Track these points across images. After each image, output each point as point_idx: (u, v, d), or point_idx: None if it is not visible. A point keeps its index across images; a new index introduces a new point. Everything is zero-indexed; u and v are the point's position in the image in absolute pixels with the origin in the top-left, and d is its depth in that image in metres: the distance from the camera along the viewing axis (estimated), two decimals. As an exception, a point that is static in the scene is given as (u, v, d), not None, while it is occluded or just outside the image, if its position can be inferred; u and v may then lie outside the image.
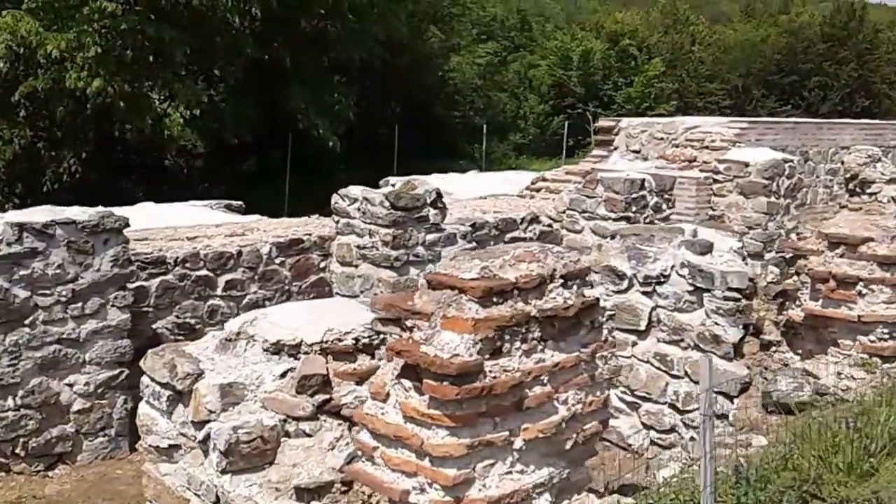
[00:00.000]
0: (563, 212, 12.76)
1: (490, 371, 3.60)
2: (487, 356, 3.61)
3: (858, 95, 42.87)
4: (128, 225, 7.71)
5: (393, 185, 14.40)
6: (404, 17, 21.78)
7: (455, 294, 3.66)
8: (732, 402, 7.18)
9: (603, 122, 17.14)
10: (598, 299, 4.16)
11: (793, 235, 15.18)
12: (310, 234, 9.92)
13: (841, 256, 6.60)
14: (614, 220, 12.24)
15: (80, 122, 17.18)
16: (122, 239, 7.68)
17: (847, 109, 42.25)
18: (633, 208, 12.31)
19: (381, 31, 20.78)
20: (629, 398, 7.83)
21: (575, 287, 4.03)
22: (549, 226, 12.63)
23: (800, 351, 6.98)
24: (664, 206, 12.79)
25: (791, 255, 7.11)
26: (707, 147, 15.59)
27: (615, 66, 40.88)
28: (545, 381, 3.84)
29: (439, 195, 10.02)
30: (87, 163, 17.36)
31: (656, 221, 12.67)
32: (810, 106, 42.27)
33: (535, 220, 12.37)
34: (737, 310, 7.08)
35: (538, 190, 13.55)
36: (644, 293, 7.55)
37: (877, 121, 21.43)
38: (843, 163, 17.96)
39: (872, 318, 6.43)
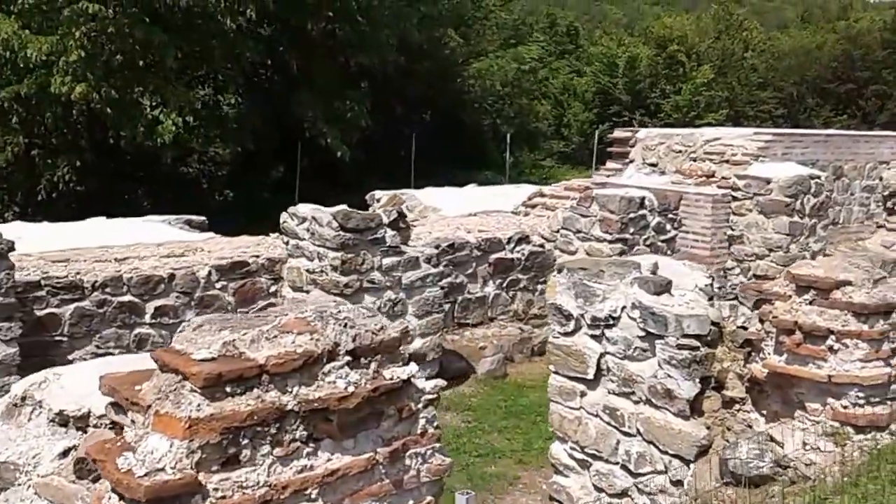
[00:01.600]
0: (557, 231, 11.74)
1: (216, 489, 2.66)
2: (215, 468, 2.67)
3: (919, 105, 40.76)
4: (12, 248, 6.91)
5: (378, 201, 13.60)
6: (417, 20, 20.87)
7: (178, 380, 2.73)
8: (689, 468, 6.13)
9: (618, 133, 16.04)
10: (408, 379, 3.21)
11: (820, 257, 13.96)
12: (258, 256, 9.09)
13: (810, 303, 5.51)
14: (610, 241, 11.23)
15: (73, 129, 16.62)
16: (6, 264, 6.88)
17: (906, 119, 40.24)
18: (631, 229, 11.27)
19: (393, 34, 19.90)
20: (579, 454, 6.81)
21: (372, 366, 3.08)
22: (541, 246, 11.67)
23: (764, 412, 5.89)
24: (668, 227, 11.71)
25: (755, 298, 6.00)
26: (727, 161, 14.43)
27: (662, 73, 39.46)
28: (314, 496, 2.88)
29: (400, 215, 9.09)
30: (85, 170, 16.80)
31: (659, 243, 11.64)
32: (867, 115, 40.30)
33: (523, 239, 11.43)
34: (693, 360, 6.02)
35: (534, 206, 12.57)
36: (592, 336, 6.53)
37: None
38: (881, 179, 16.61)
39: (845, 379, 5.33)
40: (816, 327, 5.38)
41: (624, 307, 6.32)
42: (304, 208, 9.03)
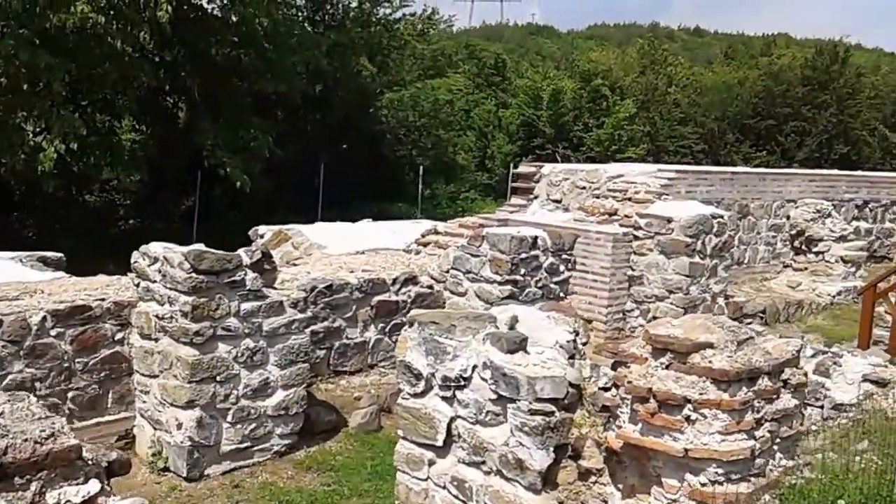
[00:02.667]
0: (447, 271, 11.13)
1: None
2: None
3: (837, 142, 41.30)
4: None
5: (262, 236, 12.87)
6: (326, 47, 20.25)
7: None
8: (541, 547, 5.52)
9: (523, 168, 15.58)
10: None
11: (721, 301, 13.58)
12: (103, 300, 8.28)
13: (666, 367, 4.94)
14: (500, 283, 10.66)
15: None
16: None
17: (824, 156, 40.75)
18: (522, 270, 10.71)
19: (301, 62, 19.22)
20: (427, 531, 6.14)
21: (32, 486, 2.37)
22: (430, 287, 11.05)
23: (621, 485, 5.30)
24: (562, 268, 11.18)
25: (612, 361, 5.43)
26: (630, 199, 14.03)
27: (586, 106, 39.39)
28: None
29: (265, 255, 8.36)
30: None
31: (552, 285, 11.11)
32: (786, 152, 40.75)
33: (410, 280, 10.78)
34: (547, 427, 5.43)
35: (426, 244, 11.96)
36: (443, 398, 5.90)
37: (828, 171, 19.90)
38: (788, 217, 16.39)
39: (703, 453, 4.76)
40: (672, 395, 4.82)
41: (475, 366, 5.72)
42: (156, 247, 8.27)
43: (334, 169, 22.64)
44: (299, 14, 23.52)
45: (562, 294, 11.27)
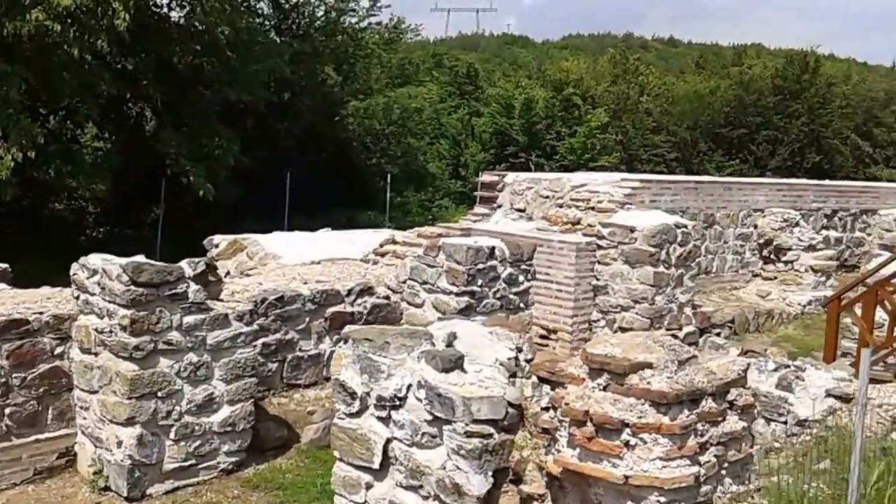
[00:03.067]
0: (404, 282, 10.87)
1: None
2: None
3: (809, 151, 41.44)
4: None
5: (216, 246, 12.56)
6: (289, 56, 19.95)
7: None
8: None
9: (486, 177, 15.36)
10: None
11: (688, 311, 13.38)
12: (42, 313, 7.95)
13: (604, 389, 4.69)
14: (457, 294, 10.42)
15: None
16: None
17: (797, 165, 40.87)
18: (479, 281, 10.46)
19: (264, 70, 18.92)
20: (363, 556, 5.86)
21: None
22: (387, 298, 10.77)
23: (563, 511, 5.04)
24: (521, 279, 10.95)
25: (548, 381, 5.18)
26: (593, 208, 13.83)
27: (558, 115, 39.28)
28: None
29: (209, 267, 8.06)
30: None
31: (510, 296, 10.88)
32: (758, 160, 40.81)
33: (366, 291, 10.52)
34: (485, 450, 5.17)
35: (384, 254, 11.67)
36: (379, 419, 5.63)
37: (796, 180, 19.79)
38: (756, 226, 16.25)
39: (643, 480, 4.51)
40: (609, 419, 4.57)
41: (410, 385, 5.45)
42: (95, 259, 7.97)
43: (303, 177, 22.34)
44: (266, 23, 23.26)
45: (522, 305, 11.04)
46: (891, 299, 9.25)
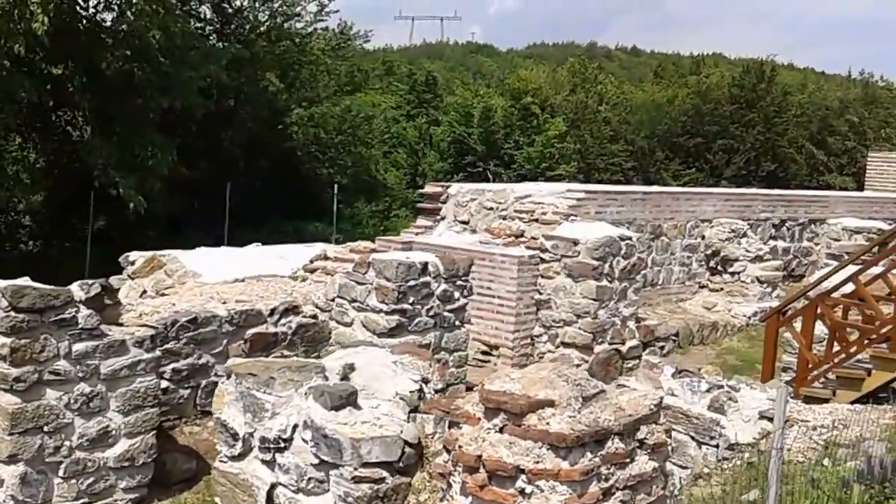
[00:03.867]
0: (333, 299, 10.28)
1: None
2: None
3: (764, 159, 41.38)
4: None
5: (132, 263, 11.88)
6: (226, 61, 19.27)
7: None
8: None
9: (429, 188, 14.85)
10: None
11: (632, 325, 12.90)
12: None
13: (500, 431, 4.14)
14: (387, 312, 9.80)
15: None
16: None
17: (752, 173, 40.80)
18: (411, 298, 9.86)
19: (199, 76, 18.20)
20: None
21: None
22: (314, 318, 10.15)
23: (458, 567, 4.48)
24: (457, 295, 10.36)
25: (444, 419, 4.63)
26: (537, 220, 13.36)
27: (517, 124, 38.90)
28: None
29: (105, 289, 7.42)
30: None
31: (445, 314, 10.29)
32: (714, 169, 40.68)
33: (291, 310, 9.90)
34: (375, 496, 4.59)
35: (313, 271, 11.07)
36: (264, 462, 5.04)
37: (744, 190, 19.46)
38: (703, 237, 15.84)
39: (540, 534, 3.95)
40: (502, 464, 4.01)
41: (296, 425, 4.86)
42: (-23, 282, 7.27)
43: (248, 188, 21.67)
44: (207, 27, 22.52)
45: (457, 323, 10.45)
46: (830, 314, 8.81)
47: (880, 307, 8.57)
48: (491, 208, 13.98)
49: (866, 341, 8.54)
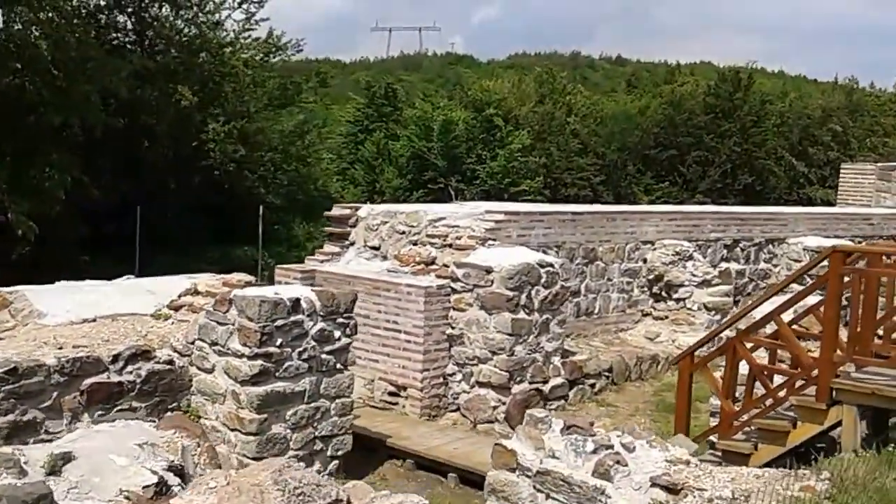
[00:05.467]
0: (193, 342, 9.35)
1: None
2: None
3: (741, 172, 40.59)
4: None
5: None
6: (127, 73, 18.34)
7: None
8: None
9: (336, 211, 13.97)
10: None
11: (556, 361, 12.00)
12: None
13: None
14: (249, 357, 8.87)
15: None
16: None
17: (728, 187, 40.06)
18: (279, 340, 8.97)
19: (95, 90, 17.24)
20: None
21: None
22: (170, 363, 9.22)
23: None
24: (337, 334, 9.47)
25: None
26: (451, 245, 12.50)
27: (479, 137, 38.03)
28: None
29: None
30: None
31: (323, 356, 9.40)
32: (689, 183, 39.92)
33: (141, 356, 9.01)
34: None
35: (178, 308, 10.11)
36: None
37: (691, 208, 18.68)
38: (645, 261, 14.99)
39: None
40: None
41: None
42: None
43: (169, 210, 20.70)
44: (124, 38, 21.56)
45: (339, 366, 9.54)
46: (748, 356, 7.92)
47: (804, 348, 7.70)
48: (403, 232, 13.13)
49: (785, 389, 7.66)
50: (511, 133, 38.13)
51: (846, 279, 7.50)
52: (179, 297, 10.36)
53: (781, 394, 7.70)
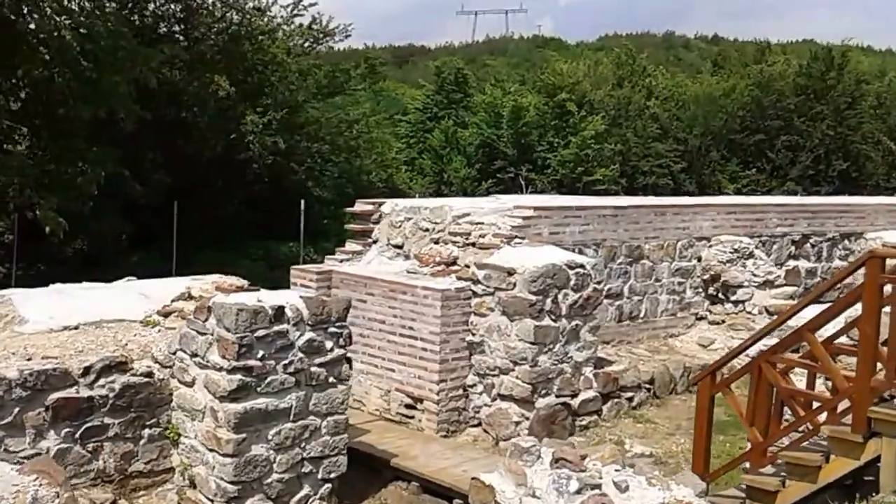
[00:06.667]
0: (175, 352, 8.87)
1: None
2: None
3: (835, 157, 38.75)
4: None
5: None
6: (157, 63, 17.99)
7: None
8: None
9: (359, 207, 13.37)
10: None
11: (587, 372, 11.18)
12: None
13: None
14: (228, 371, 8.32)
15: None
16: None
17: (821, 173, 38.27)
18: (260, 352, 8.39)
19: (126, 81, 16.94)
20: None
21: None
22: (149, 375, 8.75)
23: None
24: (329, 345, 8.86)
25: None
26: (474, 244, 11.76)
27: (551, 124, 37.12)
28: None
29: None
30: None
31: (313, 369, 8.83)
32: (778, 170, 38.24)
33: (115, 367, 8.57)
34: None
35: (168, 314, 9.64)
36: None
37: (754, 200, 17.44)
38: (699, 259, 14.01)
39: None
40: None
41: None
42: None
43: (208, 205, 20.41)
44: (165, 25, 21.30)
45: (332, 379, 8.92)
46: (776, 377, 7.01)
47: (840, 370, 6.77)
48: (426, 230, 12.46)
49: (816, 418, 6.75)
50: (584, 119, 37.12)
51: (888, 288, 6.56)
52: (172, 302, 9.89)
53: (811, 422, 6.80)
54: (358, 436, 10.58)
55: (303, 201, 19.13)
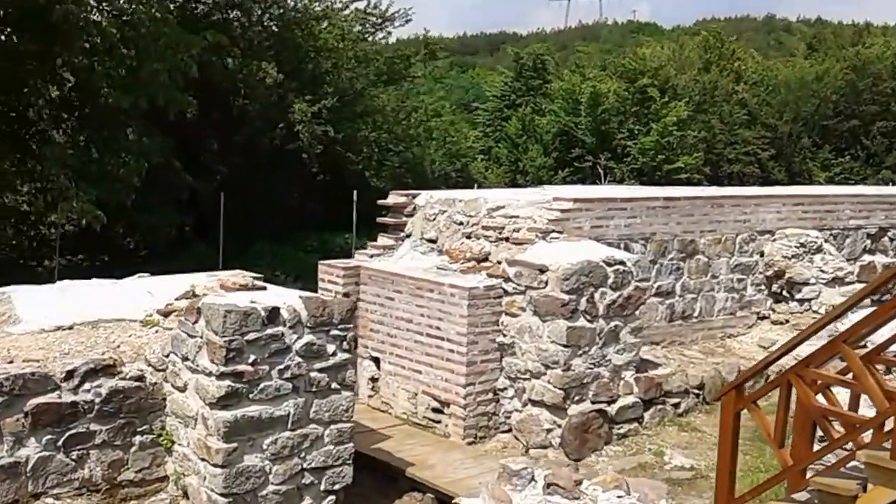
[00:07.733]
0: (168, 355, 8.39)
1: None
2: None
3: (937, 144, 36.65)
4: None
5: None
6: (197, 51, 17.56)
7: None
8: None
9: (392, 199, 12.75)
10: None
11: (628, 377, 10.35)
12: None
13: None
14: (217, 376, 7.79)
15: None
16: None
17: (920, 161, 36.20)
18: (252, 357, 7.83)
19: (166, 69, 16.56)
20: None
21: None
22: (139, 379, 8.30)
23: None
24: (331, 349, 8.28)
25: None
26: (507, 238, 11.05)
27: (631, 110, 35.94)
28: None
29: None
30: None
31: (313, 374, 8.26)
32: (873, 157, 36.30)
33: (102, 371, 8.14)
34: None
35: (168, 314, 9.16)
36: None
37: (825, 190, 16.18)
38: (762, 254, 12.98)
39: None
40: None
41: None
42: None
43: (263, 196, 20.05)
44: (218, 12, 20.94)
45: (336, 386, 8.31)
46: (807, 394, 6.11)
47: (880, 386, 5.85)
48: (460, 223, 11.78)
49: (852, 441, 5.85)
50: (666, 105, 35.82)
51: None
52: (175, 300, 9.41)
53: (854, 443, 5.91)
54: (377, 441, 10.05)
55: (355, 192, 18.66)
